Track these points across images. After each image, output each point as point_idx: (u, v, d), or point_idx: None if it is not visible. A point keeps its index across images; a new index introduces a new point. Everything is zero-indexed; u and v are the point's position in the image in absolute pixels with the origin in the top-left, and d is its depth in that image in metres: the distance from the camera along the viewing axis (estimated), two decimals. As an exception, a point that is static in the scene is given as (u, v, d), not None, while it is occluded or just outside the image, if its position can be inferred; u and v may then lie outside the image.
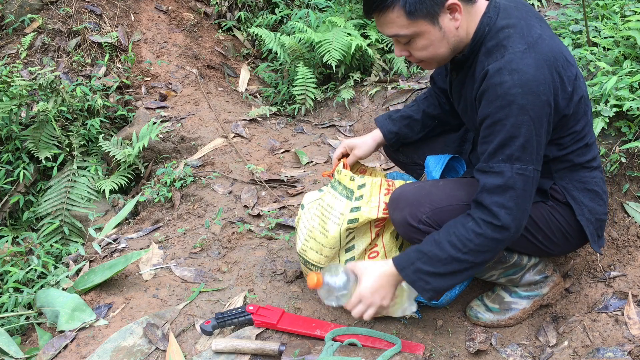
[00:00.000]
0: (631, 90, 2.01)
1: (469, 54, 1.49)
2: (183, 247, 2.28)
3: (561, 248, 1.65)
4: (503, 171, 1.38)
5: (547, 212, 1.57)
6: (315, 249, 1.74)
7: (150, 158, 3.11)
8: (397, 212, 1.56)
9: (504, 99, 1.35)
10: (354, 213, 1.65)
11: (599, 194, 1.60)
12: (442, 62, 1.55)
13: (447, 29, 1.44)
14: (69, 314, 1.90)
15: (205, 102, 3.38)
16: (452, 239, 1.42)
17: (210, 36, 4.14)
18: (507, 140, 1.37)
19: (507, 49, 1.38)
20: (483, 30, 1.45)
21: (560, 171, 1.57)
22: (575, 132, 1.51)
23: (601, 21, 2.49)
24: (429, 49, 1.47)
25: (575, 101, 1.46)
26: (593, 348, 1.58)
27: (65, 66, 3.45)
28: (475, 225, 1.40)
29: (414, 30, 1.43)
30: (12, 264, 2.45)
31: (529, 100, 1.34)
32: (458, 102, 1.67)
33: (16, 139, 3.06)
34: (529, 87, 1.34)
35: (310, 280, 1.52)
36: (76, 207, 3.01)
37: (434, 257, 1.43)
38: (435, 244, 1.44)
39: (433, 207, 1.50)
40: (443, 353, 1.66)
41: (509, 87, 1.34)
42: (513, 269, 1.66)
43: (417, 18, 1.40)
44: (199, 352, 1.73)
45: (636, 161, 1.99)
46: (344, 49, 3.25)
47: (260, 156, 2.89)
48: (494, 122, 1.38)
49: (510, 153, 1.38)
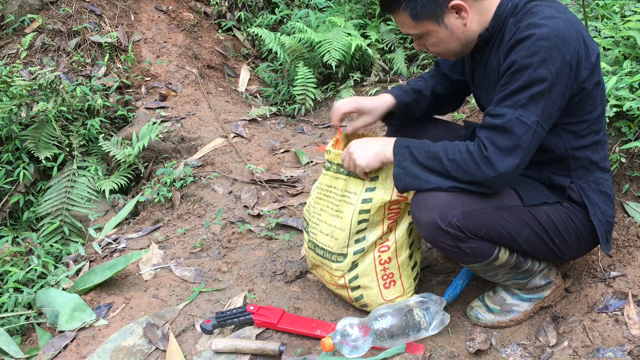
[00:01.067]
0: (631, 90, 2.02)
1: (492, 29, 1.52)
2: (183, 247, 2.28)
3: (573, 252, 1.65)
4: (504, 113, 1.40)
5: (566, 215, 1.57)
6: (327, 231, 1.73)
7: (150, 158, 3.12)
8: (424, 212, 1.50)
9: (528, 49, 1.37)
10: (368, 193, 1.64)
11: (610, 197, 1.62)
12: (459, 55, 1.61)
13: (454, 27, 1.50)
14: (69, 314, 1.90)
15: (205, 102, 3.38)
16: (447, 145, 1.47)
17: (210, 36, 4.14)
18: (519, 89, 1.39)
19: (537, 13, 1.41)
20: (507, 6, 1.49)
21: (577, 170, 1.58)
22: (591, 120, 1.52)
23: (601, 21, 2.49)
24: (439, 45, 1.56)
25: (595, 79, 1.48)
26: (593, 348, 1.58)
27: (65, 66, 3.45)
28: (471, 144, 1.44)
29: (422, 30, 1.52)
30: (12, 264, 2.46)
31: (552, 54, 1.36)
32: (480, 84, 1.67)
33: (16, 139, 3.06)
34: (554, 42, 1.36)
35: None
36: (76, 207, 3.01)
37: (424, 147, 1.49)
38: (437, 143, 1.50)
39: (465, 210, 1.47)
40: (443, 353, 1.66)
41: (536, 38, 1.36)
42: (523, 275, 1.67)
43: (422, 20, 1.50)
44: (199, 352, 1.73)
45: (636, 161, 1.99)
46: (344, 49, 3.25)
47: (260, 156, 2.89)
48: (514, 71, 1.40)
49: (517, 99, 1.39)
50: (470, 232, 1.49)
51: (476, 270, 1.63)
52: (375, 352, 1.63)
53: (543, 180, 1.61)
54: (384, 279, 1.75)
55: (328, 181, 1.73)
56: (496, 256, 1.55)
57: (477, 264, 1.57)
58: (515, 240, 1.54)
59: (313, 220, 1.78)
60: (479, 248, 1.52)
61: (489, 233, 1.51)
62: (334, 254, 1.73)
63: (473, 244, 1.51)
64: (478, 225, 1.49)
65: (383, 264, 1.73)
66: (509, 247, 1.57)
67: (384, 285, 1.75)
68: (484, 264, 1.57)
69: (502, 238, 1.53)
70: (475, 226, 1.48)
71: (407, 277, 1.78)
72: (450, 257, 1.62)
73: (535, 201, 1.54)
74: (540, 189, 1.59)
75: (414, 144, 1.52)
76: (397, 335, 1.62)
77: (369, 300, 1.77)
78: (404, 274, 1.77)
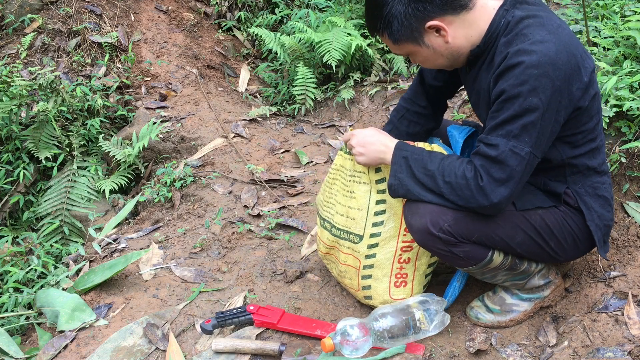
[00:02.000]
0: (631, 90, 2.01)
1: (484, 46, 1.50)
2: (183, 247, 2.28)
3: (569, 254, 1.65)
4: (498, 144, 1.40)
5: (561, 219, 1.57)
6: (342, 212, 1.73)
7: (150, 158, 3.11)
8: (416, 217, 1.53)
9: (518, 78, 1.36)
10: (380, 173, 1.65)
11: (608, 200, 1.61)
12: (452, 67, 1.61)
13: (436, 45, 1.50)
14: (69, 314, 1.90)
15: (205, 102, 3.38)
16: (444, 164, 1.47)
17: (210, 36, 4.14)
18: (511, 118, 1.38)
19: (528, 36, 1.39)
20: (499, 23, 1.46)
21: (573, 175, 1.57)
22: (587, 130, 1.51)
23: (601, 21, 2.49)
24: (427, 62, 1.58)
25: (590, 94, 1.46)
26: (593, 348, 1.58)
27: (65, 66, 3.45)
28: (468, 169, 1.44)
29: (405, 51, 1.55)
30: (12, 264, 2.45)
31: (542, 82, 1.35)
32: (470, 95, 1.68)
33: (16, 139, 3.06)
34: (544, 70, 1.34)
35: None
36: (76, 207, 3.01)
37: (422, 161, 1.50)
38: (434, 156, 1.50)
39: (456, 215, 1.48)
40: (443, 353, 1.66)
41: (525, 66, 1.35)
42: (520, 276, 1.67)
43: (402, 43, 1.52)
44: (199, 352, 1.73)
45: (636, 161, 1.99)
46: (344, 49, 3.25)
47: (260, 156, 2.89)
48: (504, 99, 1.39)
49: (509, 129, 1.39)
50: (462, 237, 1.50)
51: (473, 273, 1.64)
52: (375, 352, 1.63)
53: (538, 185, 1.61)
54: (396, 277, 1.75)
55: (341, 161, 1.75)
56: (490, 259, 1.55)
57: (472, 267, 1.58)
58: (508, 244, 1.55)
59: (331, 202, 1.78)
60: (471, 252, 1.53)
61: (481, 237, 1.51)
62: (351, 234, 1.73)
63: (466, 248, 1.52)
64: (469, 230, 1.49)
65: (401, 262, 1.74)
66: (503, 250, 1.57)
67: (395, 283, 1.75)
68: (479, 267, 1.58)
69: (494, 242, 1.53)
70: (466, 231, 1.49)
71: (419, 283, 1.79)
72: (445, 261, 1.63)
73: (529, 205, 1.54)
74: (536, 193, 1.59)
75: (412, 155, 1.52)
76: (397, 336, 1.63)
77: (374, 294, 1.77)
78: (417, 278, 1.78)
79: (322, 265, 2.08)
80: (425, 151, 1.53)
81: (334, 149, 2.97)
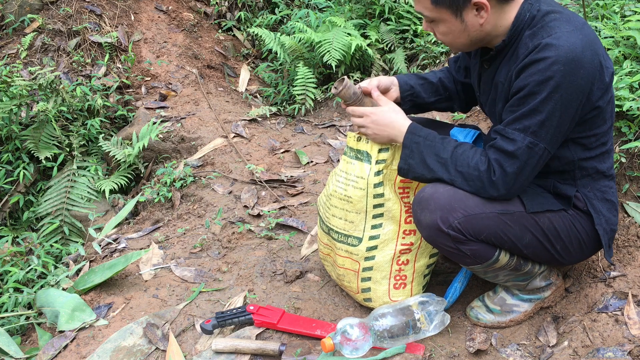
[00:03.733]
0: (631, 90, 2.01)
1: (508, 40, 1.49)
2: (183, 247, 2.28)
3: (574, 258, 1.65)
4: (515, 139, 1.41)
5: (569, 222, 1.57)
6: (339, 215, 1.73)
7: (150, 158, 3.12)
8: (425, 213, 1.52)
9: (543, 74, 1.36)
10: (378, 177, 1.65)
11: (614, 205, 1.62)
12: (461, 50, 1.60)
13: (470, 23, 1.46)
14: (69, 314, 1.90)
15: (205, 102, 3.38)
16: (458, 153, 1.48)
17: (210, 36, 4.14)
18: (531, 113, 1.39)
19: (555, 29, 1.38)
20: (524, 17, 1.45)
21: (583, 178, 1.57)
22: (600, 133, 1.52)
23: (601, 21, 2.49)
24: (448, 35, 1.52)
25: (608, 96, 1.47)
26: (593, 348, 1.58)
27: (65, 66, 3.45)
28: (482, 161, 1.46)
29: (436, 15, 1.48)
30: (12, 264, 2.45)
31: (566, 80, 1.35)
32: (487, 93, 1.65)
33: (16, 139, 3.06)
34: (570, 68, 1.34)
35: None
36: (76, 207, 3.01)
37: (435, 148, 1.51)
38: (447, 143, 1.51)
39: (467, 213, 1.48)
40: (443, 353, 1.66)
41: (551, 62, 1.35)
42: (523, 277, 1.67)
43: (441, 6, 1.45)
44: (199, 352, 1.73)
45: (636, 161, 1.99)
46: (344, 49, 3.25)
47: (260, 156, 2.89)
48: (526, 94, 1.39)
49: (528, 124, 1.40)
50: (471, 235, 1.50)
51: (476, 272, 1.64)
52: (375, 352, 1.63)
53: (548, 188, 1.60)
54: (396, 279, 1.75)
55: (343, 166, 1.74)
56: (496, 259, 1.55)
57: (477, 266, 1.58)
58: (516, 245, 1.54)
59: (327, 205, 1.78)
60: (479, 250, 1.53)
61: (489, 237, 1.51)
62: (350, 237, 1.72)
63: (473, 247, 1.52)
64: (479, 229, 1.49)
65: (400, 264, 1.74)
66: (510, 251, 1.57)
67: (394, 285, 1.76)
68: (484, 266, 1.57)
69: (502, 242, 1.53)
70: (476, 229, 1.49)
71: (418, 284, 1.80)
72: (451, 258, 1.62)
73: (539, 208, 1.54)
74: (546, 195, 1.58)
75: (425, 141, 1.53)
76: (397, 336, 1.63)
77: (374, 296, 1.77)
78: (416, 279, 1.78)
79: (322, 265, 2.08)
80: (438, 137, 1.53)
81: (334, 149, 2.97)
